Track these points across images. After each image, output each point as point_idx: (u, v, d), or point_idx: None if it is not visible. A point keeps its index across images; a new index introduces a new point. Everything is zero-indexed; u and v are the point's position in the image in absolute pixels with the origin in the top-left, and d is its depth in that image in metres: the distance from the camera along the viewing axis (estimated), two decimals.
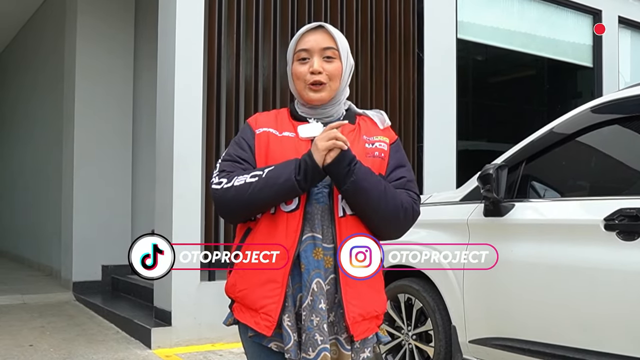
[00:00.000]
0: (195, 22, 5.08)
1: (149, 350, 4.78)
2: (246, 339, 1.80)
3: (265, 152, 1.77)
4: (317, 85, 1.78)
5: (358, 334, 1.73)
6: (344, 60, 1.82)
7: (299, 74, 1.80)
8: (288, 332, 1.69)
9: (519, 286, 3.20)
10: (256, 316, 1.72)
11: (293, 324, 1.70)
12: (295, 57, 1.82)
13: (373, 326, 1.79)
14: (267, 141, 1.79)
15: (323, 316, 1.67)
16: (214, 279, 5.17)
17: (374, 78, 6.12)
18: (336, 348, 1.74)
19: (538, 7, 7.82)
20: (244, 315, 1.77)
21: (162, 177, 5.17)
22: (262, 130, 1.81)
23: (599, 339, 2.85)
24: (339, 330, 1.74)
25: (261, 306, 1.71)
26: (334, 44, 1.80)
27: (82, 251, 6.96)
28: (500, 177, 3.23)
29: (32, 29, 9.86)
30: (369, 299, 1.76)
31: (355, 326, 1.72)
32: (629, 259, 2.75)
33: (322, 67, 1.78)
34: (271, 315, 1.69)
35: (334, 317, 1.73)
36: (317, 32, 1.81)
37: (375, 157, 1.79)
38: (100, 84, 7.10)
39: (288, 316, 1.69)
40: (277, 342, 1.73)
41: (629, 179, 3.15)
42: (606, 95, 3.39)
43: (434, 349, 3.64)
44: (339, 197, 1.73)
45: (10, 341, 4.97)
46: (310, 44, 1.80)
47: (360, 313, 1.73)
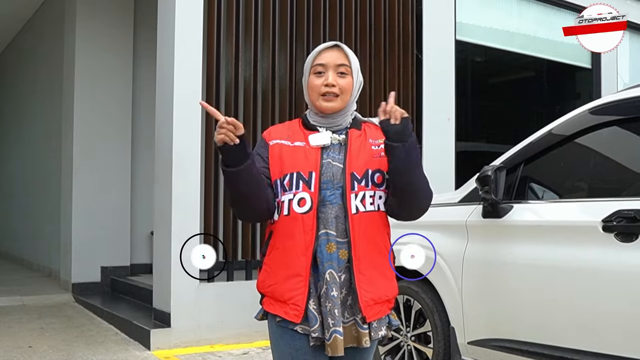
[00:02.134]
0: (195, 24, 5.09)
1: (148, 352, 4.78)
2: (273, 325, 2.01)
3: (279, 160, 2.00)
4: (330, 96, 2.01)
5: (370, 315, 1.96)
6: (355, 76, 2.05)
7: (314, 86, 2.03)
8: (314, 315, 1.93)
9: (518, 287, 3.20)
10: (285, 307, 1.95)
11: (317, 307, 1.94)
12: (312, 71, 2.05)
13: (385, 309, 2.02)
14: (280, 151, 2.02)
15: (335, 302, 1.91)
16: (213, 281, 5.18)
17: (373, 79, 6.12)
18: (355, 327, 1.97)
19: (537, 8, 7.84)
20: (274, 307, 1.99)
21: (161, 178, 5.18)
22: (275, 142, 2.04)
23: (597, 340, 2.86)
24: (355, 312, 1.96)
25: (289, 297, 1.94)
26: (347, 62, 2.04)
27: (81, 252, 6.96)
28: (499, 178, 3.23)
29: (31, 30, 9.87)
30: (381, 285, 2.00)
31: (367, 309, 1.95)
32: (627, 260, 2.75)
33: (335, 81, 2.01)
34: (299, 304, 1.93)
35: (351, 301, 1.96)
36: (334, 50, 2.05)
37: (382, 157, 1.99)
38: (100, 86, 7.10)
39: (313, 301, 1.94)
40: (302, 326, 1.95)
41: (627, 181, 3.15)
42: (605, 96, 3.40)
43: (433, 350, 3.64)
44: (352, 196, 1.95)
45: (10, 342, 4.97)
46: (326, 60, 2.03)
47: (372, 297, 1.96)
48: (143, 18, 7.25)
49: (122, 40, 7.24)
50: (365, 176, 1.98)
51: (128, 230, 7.23)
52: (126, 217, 7.22)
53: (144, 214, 7.07)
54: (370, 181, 1.98)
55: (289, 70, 5.61)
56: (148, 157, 6.23)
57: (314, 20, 5.79)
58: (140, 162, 7.22)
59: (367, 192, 1.97)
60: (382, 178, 2.00)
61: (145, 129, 6.93)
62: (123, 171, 7.22)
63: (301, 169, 1.97)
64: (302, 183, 1.95)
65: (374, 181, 1.99)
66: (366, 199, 1.97)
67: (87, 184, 7.01)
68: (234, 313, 5.02)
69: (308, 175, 1.96)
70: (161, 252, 5.13)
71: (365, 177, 1.97)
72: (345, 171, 1.97)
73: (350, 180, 1.96)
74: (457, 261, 3.48)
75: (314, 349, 1.94)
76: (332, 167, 1.98)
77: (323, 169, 1.97)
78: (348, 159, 1.98)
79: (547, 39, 7.95)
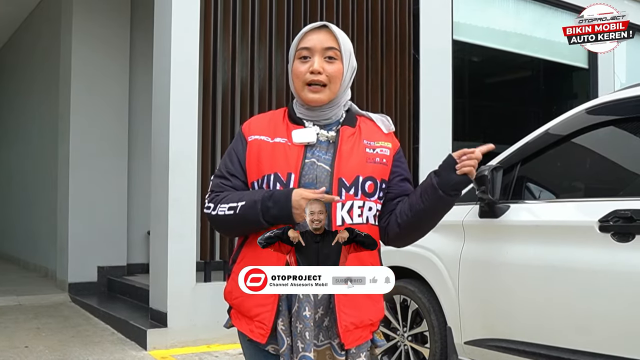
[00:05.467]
0: (191, 24, 5.08)
1: (144, 352, 4.77)
2: (244, 340, 1.81)
3: (257, 160, 1.76)
4: (316, 86, 1.75)
5: (349, 342, 1.71)
6: (345, 61, 1.78)
7: (298, 72, 1.77)
8: (282, 337, 1.70)
9: (514, 287, 3.20)
10: (251, 324, 1.73)
11: (287, 328, 1.70)
12: (297, 55, 1.79)
13: (366, 334, 1.76)
14: (259, 149, 1.76)
15: (306, 323, 1.66)
16: (210, 281, 5.17)
17: (370, 79, 6.12)
18: (330, 352, 1.73)
19: (533, 8, 7.85)
20: (240, 322, 1.78)
21: (157, 179, 5.17)
22: (254, 139, 1.79)
23: (594, 340, 2.86)
24: (332, 335, 1.72)
25: (256, 314, 1.71)
26: (336, 45, 1.77)
27: (78, 252, 6.94)
28: (496, 178, 3.23)
29: (27, 31, 9.84)
30: (365, 308, 1.74)
31: (346, 335, 1.70)
32: (624, 260, 2.75)
33: (322, 67, 1.75)
34: (265, 323, 1.70)
35: (328, 322, 1.73)
36: (321, 32, 1.78)
37: (376, 164, 1.76)
38: (96, 86, 7.08)
39: (282, 320, 1.70)
40: (274, 346, 1.73)
41: (624, 181, 3.15)
42: (601, 96, 3.40)
43: (430, 350, 3.64)
44: (338, 207, 1.69)
45: (6, 342, 4.95)
46: (312, 43, 1.76)
47: (353, 322, 1.71)
48: (140, 18, 7.22)
49: (119, 41, 7.23)
50: (355, 184, 1.72)
51: (125, 230, 7.21)
52: (123, 217, 7.20)
53: (140, 213, 7.05)
54: (360, 190, 1.72)
55: (285, 71, 5.60)
56: (145, 156, 6.22)
57: (311, 20, 5.78)
58: (137, 161, 7.21)
59: (355, 202, 1.71)
60: (374, 187, 1.75)
61: (142, 128, 6.91)
62: (120, 171, 7.21)
63: (279, 170, 1.71)
64: (280, 186, 1.70)
65: (365, 190, 1.73)
66: (354, 210, 1.71)
67: (83, 184, 6.99)
68: None
69: (286, 177, 1.70)
70: (158, 252, 5.12)
71: (354, 184, 1.72)
72: (332, 176, 1.70)
73: (337, 187, 1.70)
74: (454, 261, 3.48)
75: None
76: (317, 169, 1.72)
77: (305, 169, 1.71)
78: (337, 162, 1.72)
79: (544, 38, 7.96)
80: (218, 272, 5.26)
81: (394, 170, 1.81)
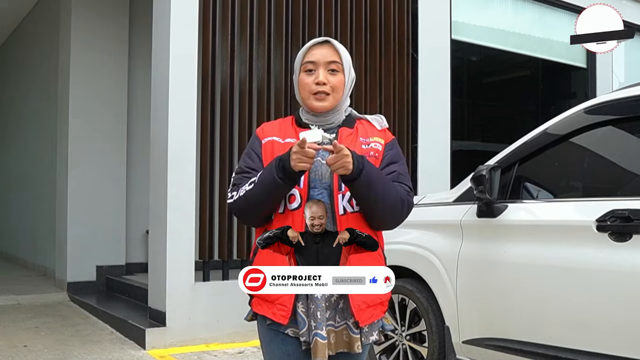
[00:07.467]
0: (190, 23, 5.08)
1: (143, 351, 4.77)
2: (263, 327, 1.96)
3: (272, 157, 1.93)
4: (321, 95, 1.96)
5: (363, 320, 1.89)
6: (346, 73, 2.00)
7: (305, 84, 1.99)
8: (302, 318, 1.88)
9: (512, 287, 3.21)
10: (272, 307, 1.90)
11: (306, 310, 1.88)
12: (302, 68, 2.00)
13: (378, 312, 1.95)
14: (272, 148, 1.98)
15: (318, 304, 1.86)
16: (209, 280, 5.18)
17: (368, 79, 6.12)
18: (347, 332, 1.91)
19: (532, 8, 7.85)
20: (262, 307, 1.93)
21: (156, 177, 5.17)
22: (268, 140, 2.01)
23: (591, 340, 2.87)
24: (347, 316, 1.91)
25: (277, 297, 1.88)
26: (338, 59, 1.98)
27: (77, 251, 6.94)
28: (494, 178, 3.24)
29: (26, 29, 9.83)
30: None
31: (360, 313, 1.88)
32: (621, 260, 2.76)
33: (326, 78, 1.96)
34: (286, 305, 1.87)
35: (343, 304, 1.91)
36: (324, 47, 2.00)
37: (370, 157, 1.94)
38: (95, 85, 7.08)
39: (302, 303, 1.88)
40: (292, 329, 1.90)
41: (621, 180, 3.16)
42: (600, 96, 3.41)
43: (428, 349, 3.65)
44: (339, 196, 1.91)
45: (4, 342, 4.96)
46: (316, 57, 1.98)
47: (364, 301, 1.89)
48: (138, 17, 7.22)
49: (117, 40, 7.21)
50: None
51: (123, 229, 7.21)
52: (121, 216, 7.20)
53: (139, 212, 7.04)
54: None
55: (284, 69, 5.60)
56: (144, 155, 6.22)
57: (309, 19, 5.78)
58: (136, 160, 7.20)
59: None
60: None
61: (141, 128, 6.92)
62: (118, 170, 7.20)
63: None
64: None
65: None
66: (354, 200, 1.91)
67: (82, 183, 6.99)
68: (229, 312, 5.01)
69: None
70: (156, 251, 5.12)
71: None
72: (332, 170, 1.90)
73: (337, 180, 1.91)
74: (452, 260, 3.49)
75: (306, 353, 1.89)
76: (322, 166, 1.93)
77: (312, 167, 1.91)
78: None
79: (542, 38, 7.96)
80: (217, 271, 5.26)
81: (383, 158, 2.00)
